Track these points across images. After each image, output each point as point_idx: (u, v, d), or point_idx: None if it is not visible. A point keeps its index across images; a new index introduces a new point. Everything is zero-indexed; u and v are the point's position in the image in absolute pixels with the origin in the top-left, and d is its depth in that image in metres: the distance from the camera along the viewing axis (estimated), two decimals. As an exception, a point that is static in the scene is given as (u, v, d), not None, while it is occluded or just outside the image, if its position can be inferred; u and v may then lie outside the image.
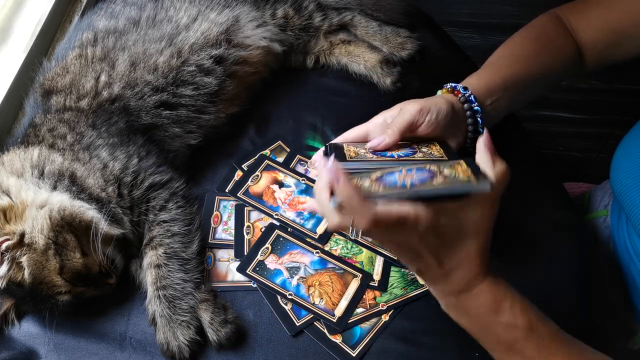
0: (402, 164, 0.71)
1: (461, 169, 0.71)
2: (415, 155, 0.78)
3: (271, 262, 0.86)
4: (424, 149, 0.81)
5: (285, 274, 0.85)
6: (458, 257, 0.66)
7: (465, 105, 0.87)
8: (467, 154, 0.87)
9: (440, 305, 0.83)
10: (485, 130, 0.74)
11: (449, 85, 0.89)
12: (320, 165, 0.68)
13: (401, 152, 0.79)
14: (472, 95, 0.87)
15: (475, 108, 0.87)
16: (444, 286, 0.69)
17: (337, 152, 0.75)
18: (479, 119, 0.87)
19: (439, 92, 0.90)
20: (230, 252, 0.88)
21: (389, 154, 0.78)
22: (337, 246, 0.89)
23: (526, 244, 0.91)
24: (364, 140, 0.81)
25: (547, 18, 1.00)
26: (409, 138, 0.82)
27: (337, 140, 0.81)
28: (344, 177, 0.61)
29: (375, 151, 0.78)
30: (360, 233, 0.65)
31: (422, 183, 0.65)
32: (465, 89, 0.87)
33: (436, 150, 0.81)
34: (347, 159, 0.75)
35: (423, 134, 0.81)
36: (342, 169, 0.62)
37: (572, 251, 0.91)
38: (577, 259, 0.91)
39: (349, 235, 0.67)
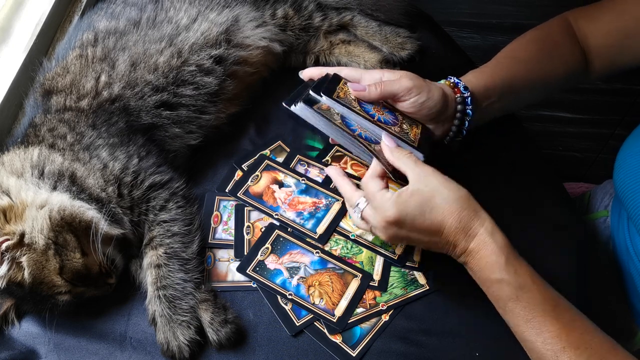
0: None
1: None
2: (392, 127, 0.83)
3: (271, 262, 0.86)
4: (404, 126, 0.86)
5: (285, 274, 0.85)
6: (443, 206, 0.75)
7: (459, 106, 0.88)
8: (445, 147, 0.93)
9: (440, 306, 0.84)
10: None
11: (452, 79, 0.90)
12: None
13: (383, 117, 0.84)
14: (469, 98, 0.88)
15: (468, 111, 0.88)
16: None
17: (331, 85, 0.84)
18: (467, 121, 0.89)
19: (442, 82, 0.91)
20: (230, 252, 0.88)
21: (373, 111, 0.84)
22: (337, 246, 0.89)
23: (525, 243, 0.91)
24: (356, 81, 0.88)
25: (556, 22, 1.00)
26: (400, 111, 0.88)
27: (338, 72, 0.88)
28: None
29: (362, 102, 0.85)
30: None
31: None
32: (465, 88, 0.88)
33: (414, 134, 0.85)
34: (334, 96, 0.82)
35: (404, 110, 0.87)
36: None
37: (572, 251, 0.91)
38: (576, 260, 0.91)
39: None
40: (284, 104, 0.83)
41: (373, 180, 0.78)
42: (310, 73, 0.90)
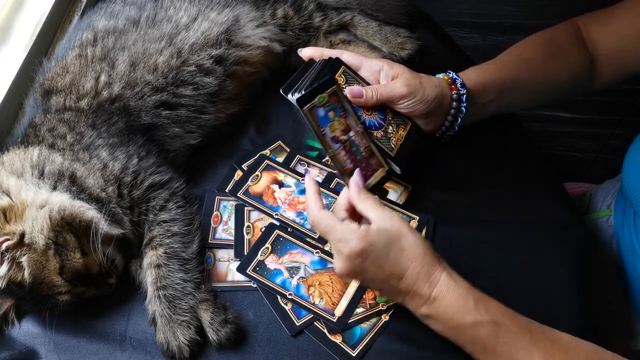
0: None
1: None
2: (376, 132, 0.86)
3: (271, 262, 0.86)
4: (390, 129, 0.88)
5: (285, 273, 0.85)
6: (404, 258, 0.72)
7: (454, 103, 0.88)
8: (436, 140, 0.94)
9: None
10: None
11: (451, 74, 0.90)
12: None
13: (372, 118, 0.86)
14: (464, 95, 0.88)
15: (462, 108, 0.89)
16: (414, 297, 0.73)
17: (331, 69, 0.86)
18: (460, 118, 0.89)
19: (441, 75, 0.91)
20: (230, 252, 0.88)
21: (361, 111, 0.86)
22: (337, 246, 0.88)
23: (525, 244, 0.91)
24: (356, 67, 0.89)
25: (564, 26, 0.99)
26: (391, 108, 0.89)
27: (339, 55, 0.89)
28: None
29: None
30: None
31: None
32: (463, 85, 0.88)
33: (397, 138, 0.88)
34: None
35: (399, 109, 0.88)
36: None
37: (572, 251, 0.91)
38: (577, 259, 0.91)
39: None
40: (281, 90, 0.83)
41: (339, 211, 0.77)
42: (310, 53, 0.89)
